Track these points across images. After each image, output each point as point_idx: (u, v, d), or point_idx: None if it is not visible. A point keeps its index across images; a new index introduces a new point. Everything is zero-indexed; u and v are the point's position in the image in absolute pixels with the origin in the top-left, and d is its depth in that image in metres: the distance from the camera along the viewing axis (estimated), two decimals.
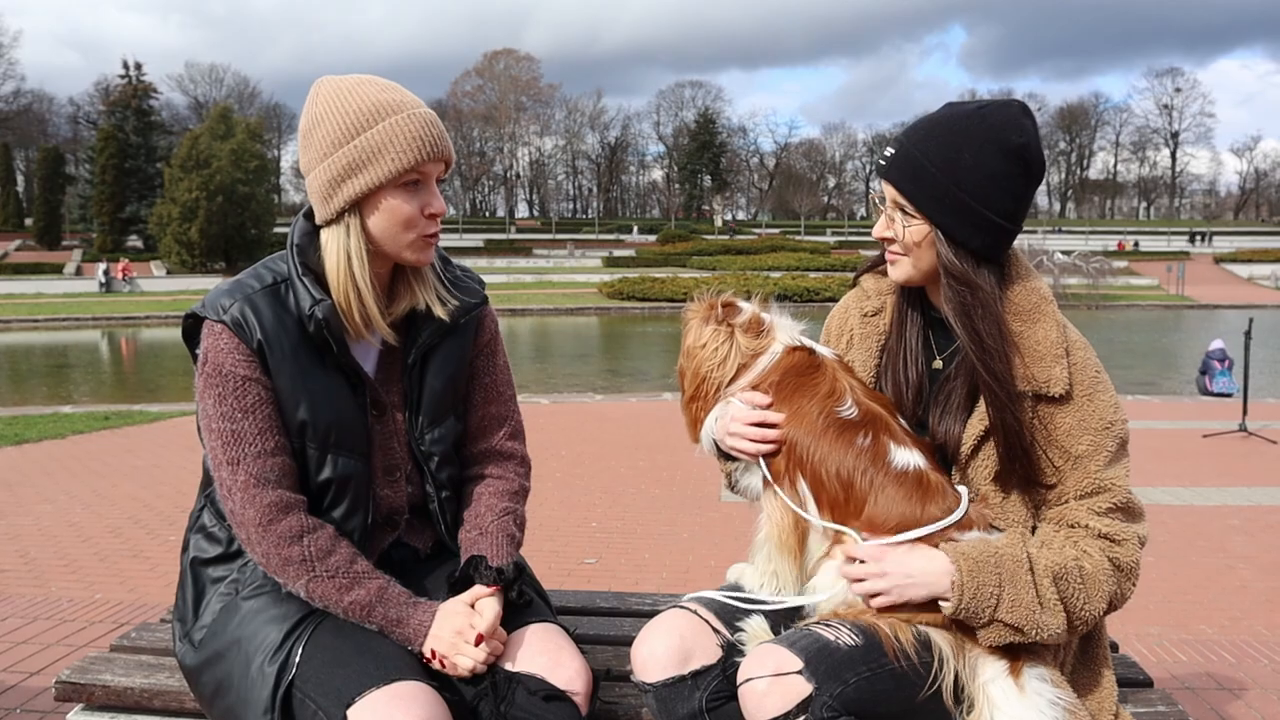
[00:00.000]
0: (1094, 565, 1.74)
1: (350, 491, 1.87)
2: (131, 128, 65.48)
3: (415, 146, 1.75)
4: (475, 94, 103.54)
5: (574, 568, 5.02)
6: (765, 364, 1.92)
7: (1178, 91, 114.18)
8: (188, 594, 1.93)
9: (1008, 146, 1.76)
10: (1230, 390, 13.47)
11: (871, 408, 1.87)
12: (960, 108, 1.85)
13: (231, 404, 1.77)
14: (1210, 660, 3.76)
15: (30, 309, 38.14)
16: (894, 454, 1.81)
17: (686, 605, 1.90)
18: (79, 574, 4.86)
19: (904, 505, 1.78)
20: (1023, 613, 1.69)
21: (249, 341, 1.77)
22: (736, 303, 2.02)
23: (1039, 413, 1.81)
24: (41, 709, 3.25)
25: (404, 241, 1.81)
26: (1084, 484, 1.79)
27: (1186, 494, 6.75)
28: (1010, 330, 1.82)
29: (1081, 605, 1.73)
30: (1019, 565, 1.71)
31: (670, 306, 39.08)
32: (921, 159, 1.80)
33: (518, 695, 1.73)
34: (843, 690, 1.63)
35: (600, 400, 12.79)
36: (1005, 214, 1.80)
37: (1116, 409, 1.83)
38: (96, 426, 9.73)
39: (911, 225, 1.83)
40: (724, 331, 1.95)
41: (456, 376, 2.01)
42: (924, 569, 1.73)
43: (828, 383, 1.88)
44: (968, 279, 1.80)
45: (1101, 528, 1.77)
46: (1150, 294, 46.22)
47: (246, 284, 1.84)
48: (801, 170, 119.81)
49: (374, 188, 1.76)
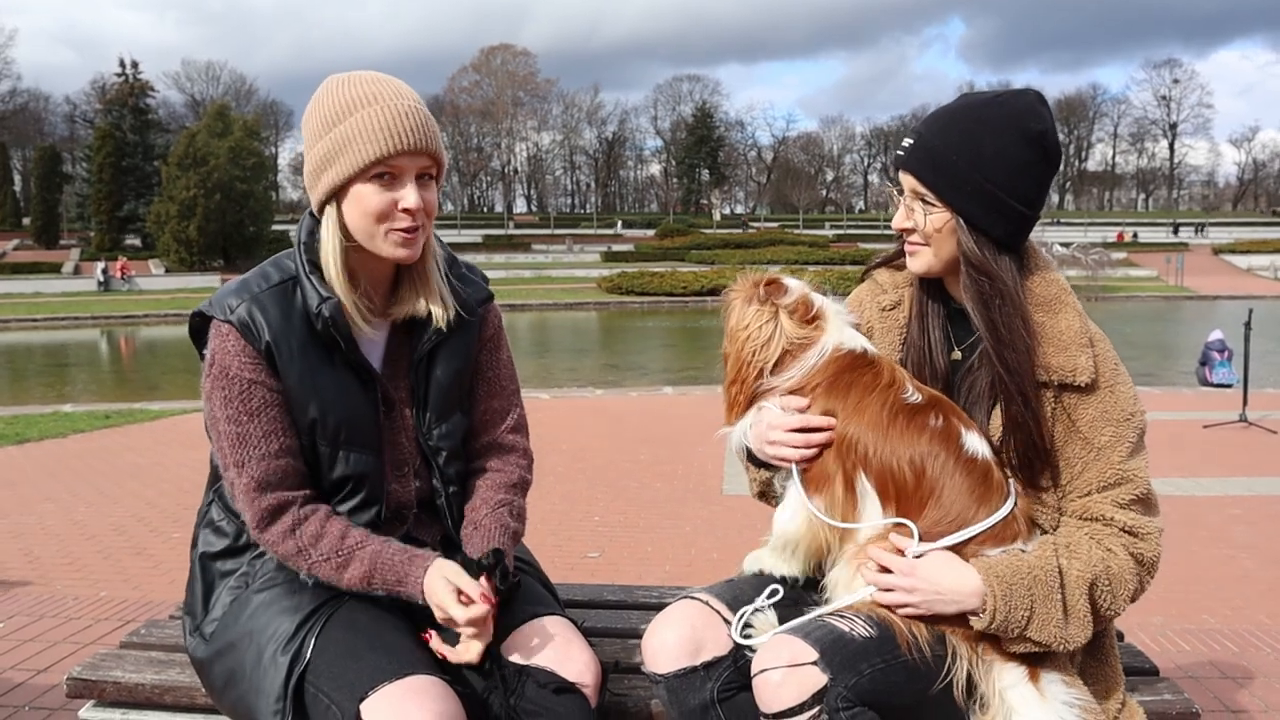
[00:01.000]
0: (1119, 565, 1.75)
1: (364, 487, 1.88)
2: (129, 126, 65.26)
3: (381, 138, 1.74)
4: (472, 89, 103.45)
5: (577, 562, 5.03)
6: (814, 361, 1.86)
7: (1175, 83, 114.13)
8: (197, 588, 1.94)
9: (1028, 133, 1.78)
10: (1230, 381, 13.47)
11: (932, 392, 1.86)
12: (977, 98, 1.86)
13: (237, 406, 1.78)
14: (1214, 649, 3.77)
15: (29, 308, 38.14)
16: (965, 438, 1.79)
17: (697, 596, 1.90)
18: (83, 572, 4.87)
19: (965, 499, 1.76)
20: (1052, 630, 1.70)
21: (256, 343, 1.78)
22: (782, 280, 1.96)
23: (1063, 402, 1.81)
24: (49, 706, 3.25)
25: (376, 235, 1.79)
26: (1107, 475, 1.79)
27: (1187, 484, 6.76)
28: (1033, 321, 1.82)
29: (1108, 607, 1.75)
30: (1051, 583, 1.71)
31: (669, 300, 39.12)
32: (943, 148, 1.80)
33: (527, 688, 1.74)
34: (857, 681, 1.64)
35: (601, 394, 12.80)
36: (1027, 201, 1.81)
37: (1136, 400, 1.83)
38: (98, 425, 9.74)
39: (933, 214, 1.83)
40: (768, 312, 1.89)
41: (462, 371, 2.01)
42: (955, 586, 1.71)
43: (886, 373, 1.85)
44: (987, 268, 1.80)
45: (1126, 520, 1.77)
46: (1149, 285, 46.23)
47: (254, 283, 1.84)
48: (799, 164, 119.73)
49: (344, 179, 1.76)
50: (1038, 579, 1.70)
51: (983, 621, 1.69)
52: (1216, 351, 14.31)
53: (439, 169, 1.86)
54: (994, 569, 1.71)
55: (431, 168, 1.83)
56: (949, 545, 1.75)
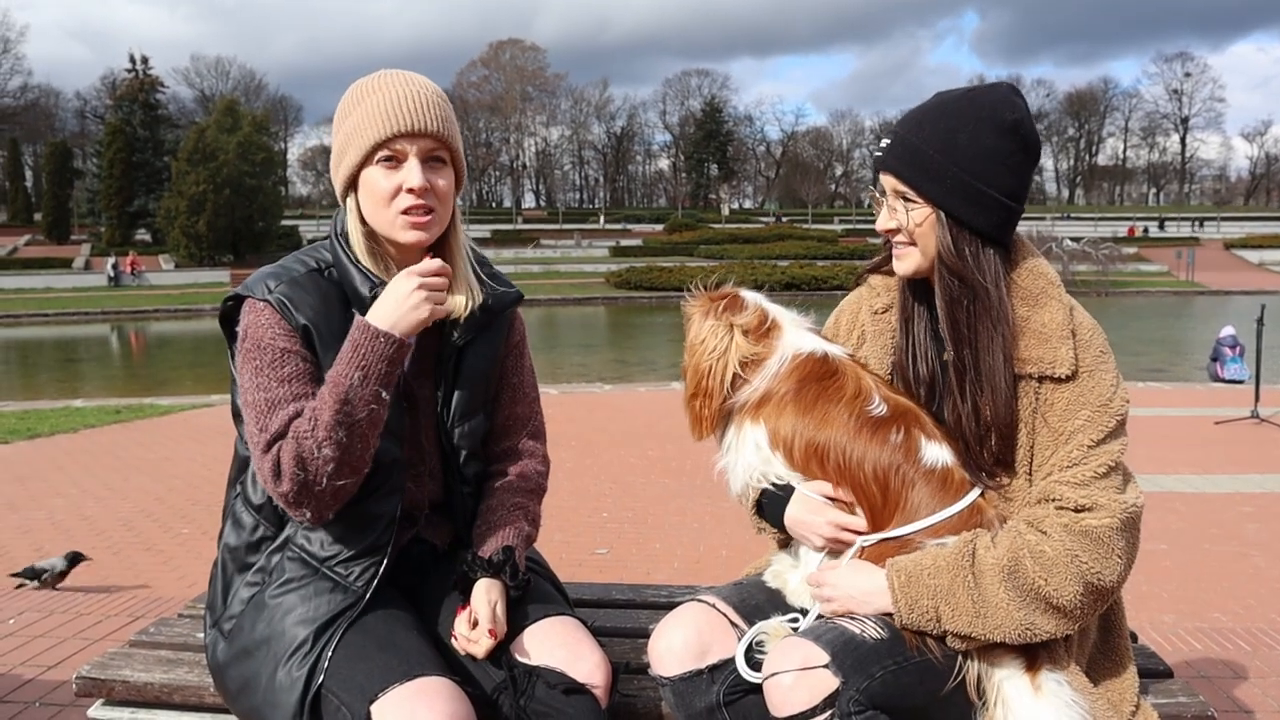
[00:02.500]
0: (1055, 546, 1.69)
1: (388, 476, 1.86)
2: (139, 121, 65.46)
3: (383, 121, 1.77)
4: (481, 84, 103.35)
5: (585, 558, 5.03)
6: (775, 369, 1.89)
7: (1187, 76, 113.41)
8: (218, 582, 1.94)
9: (1002, 124, 1.77)
10: (1242, 377, 13.42)
11: (899, 401, 1.86)
12: (950, 93, 1.86)
13: (268, 374, 1.76)
14: (1225, 648, 3.75)
15: (40, 303, 38.32)
16: (924, 449, 1.80)
17: (704, 599, 1.90)
18: (93, 567, 4.88)
19: (930, 506, 1.78)
20: (965, 620, 1.68)
21: (293, 321, 1.78)
22: (740, 293, 1.99)
23: (1042, 394, 1.80)
24: (59, 702, 3.26)
25: (387, 219, 1.81)
26: (1071, 456, 1.75)
27: (1199, 481, 6.73)
28: (1016, 315, 1.81)
29: (1050, 591, 1.68)
30: (958, 574, 1.69)
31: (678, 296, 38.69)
32: (918, 144, 1.80)
33: (537, 689, 1.73)
34: (869, 684, 1.63)
35: (609, 390, 12.80)
36: (1007, 192, 1.79)
37: (1117, 389, 1.80)
38: (107, 420, 9.77)
39: (914, 210, 1.82)
40: (723, 327, 1.93)
41: (489, 373, 2.02)
42: (866, 588, 1.76)
43: (852, 383, 1.87)
44: (959, 269, 1.79)
45: (1077, 498, 1.71)
46: (1160, 280, 46.09)
47: (291, 268, 1.86)
48: (809, 159, 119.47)
49: (355, 167, 1.81)
50: (940, 569, 1.70)
51: (896, 618, 1.72)
52: (1228, 347, 14.26)
53: (451, 153, 1.86)
54: (899, 565, 1.73)
55: (438, 150, 1.83)
56: (890, 539, 1.78)
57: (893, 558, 1.76)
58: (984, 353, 1.79)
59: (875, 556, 1.79)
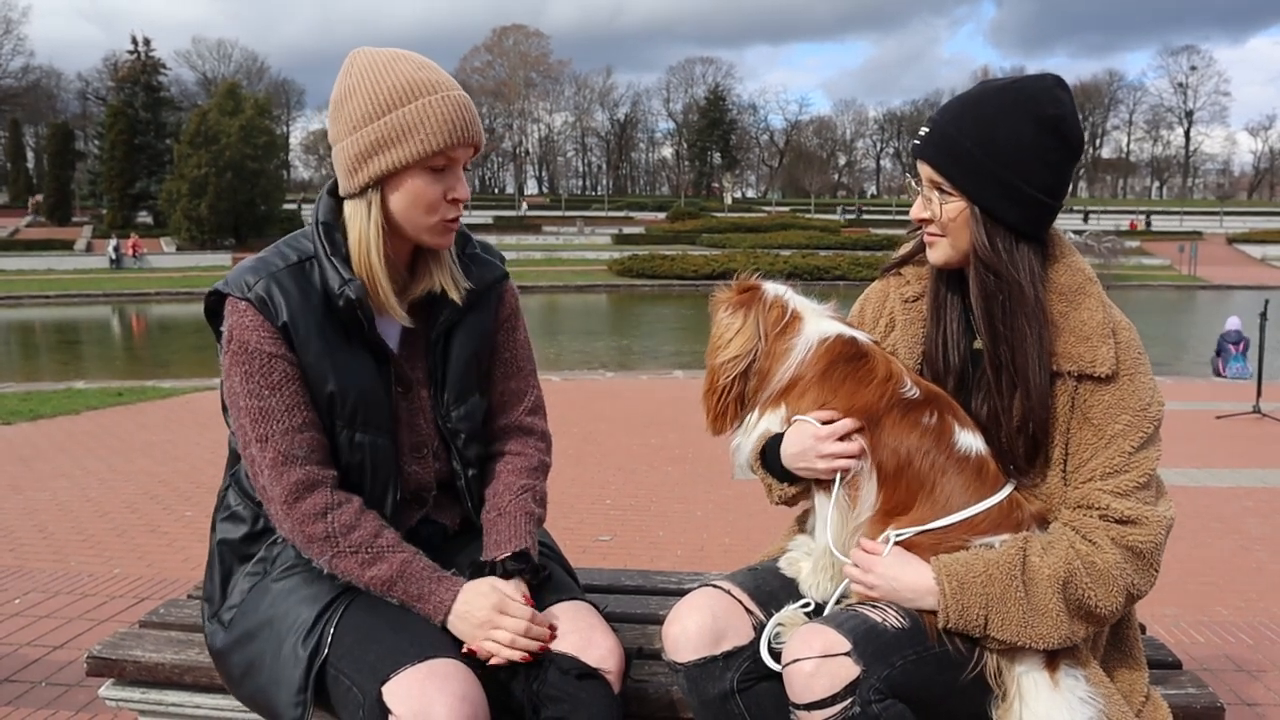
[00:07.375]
0: (1105, 559, 1.70)
1: (377, 469, 1.87)
2: (141, 103, 65.19)
3: (446, 129, 1.73)
4: (484, 70, 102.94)
5: (589, 545, 5.04)
6: (801, 355, 1.87)
7: (1193, 69, 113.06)
8: (215, 574, 1.94)
9: (1042, 118, 1.73)
10: (1243, 376, 13.37)
11: (931, 387, 1.85)
12: (993, 83, 1.82)
13: (258, 381, 1.76)
14: (1228, 642, 3.76)
15: (41, 285, 38.27)
16: (958, 435, 1.79)
17: (719, 584, 1.89)
18: (97, 549, 4.89)
19: (960, 495, 1.76)
20: (1014, 629, 1.67)
21: (274, 319, 1.76)
22: (760, 285, 1.97)
23: (1080, 393, 1.78)
24: (67, 682, 3.27)
25: (424, 225, 1.80)
26: (1113, 463, 1.75)
27: (1201, 475, 6.73)
28: (1054, 311, 1.79)
29: (1096, 603, 1.69)
30: (1010, 581, 1.67)
31: (680, 284, 39.02)
32: (957, 135, 1.77)
33: (550, 674, 1.73)
34: (890, 673, 1.62)
35: (611, 377, 12.80)
36: (1043, 188, 1.76)
37: (1155, 392, 1.80)
38: (110, 402, 9.77)
39: (949, 203, 1.80)
40: (741, 318, 1.92)
41: (480, 352, 2.00)
42: (911, 583, 1.72)
43: (882, 367, 1.85)
44: (995, 264, 1.77)
45: (1122, 510, 1.72)
46: (1162, 274, 45.95)
47: (270, 262, 1.82)
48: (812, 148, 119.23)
49: (400, 167, 1.74)
50: (994, 577, 1.68)
51: (940, 620, 1.69)
52: (1232, 344, 14.22)
53: (475, 156, 1.87)
54: (948, 567, 1.69)
55: (473, 156, 1.84)
56: (928, 530, 1.75)
57: (938, 557, 1.72)
58: (1019, 349, 1.77)
59: (911, 545, 1.77)
